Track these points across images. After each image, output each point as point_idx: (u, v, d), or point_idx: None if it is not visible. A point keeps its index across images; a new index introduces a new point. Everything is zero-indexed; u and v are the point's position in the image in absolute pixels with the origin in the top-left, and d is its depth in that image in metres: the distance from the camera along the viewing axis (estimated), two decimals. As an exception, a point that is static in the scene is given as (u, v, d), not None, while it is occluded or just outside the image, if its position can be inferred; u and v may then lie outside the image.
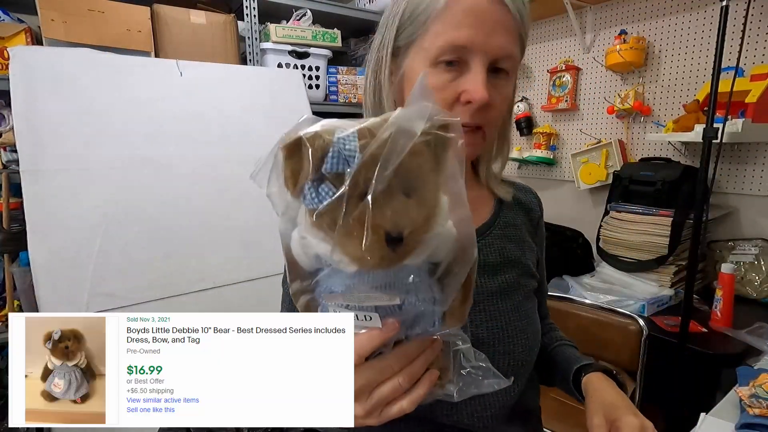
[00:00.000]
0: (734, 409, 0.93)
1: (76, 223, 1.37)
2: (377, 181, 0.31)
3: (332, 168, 0.31)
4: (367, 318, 0.36)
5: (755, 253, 1.59)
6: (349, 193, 0.31)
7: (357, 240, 0.31)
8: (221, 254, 1.59)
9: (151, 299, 1.44)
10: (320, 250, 0.34)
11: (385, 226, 0.31)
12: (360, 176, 0.31)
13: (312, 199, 0.32)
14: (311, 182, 0.32)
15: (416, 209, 0.32)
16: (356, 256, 0.32)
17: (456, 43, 0.54)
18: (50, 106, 1.42)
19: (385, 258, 0.32)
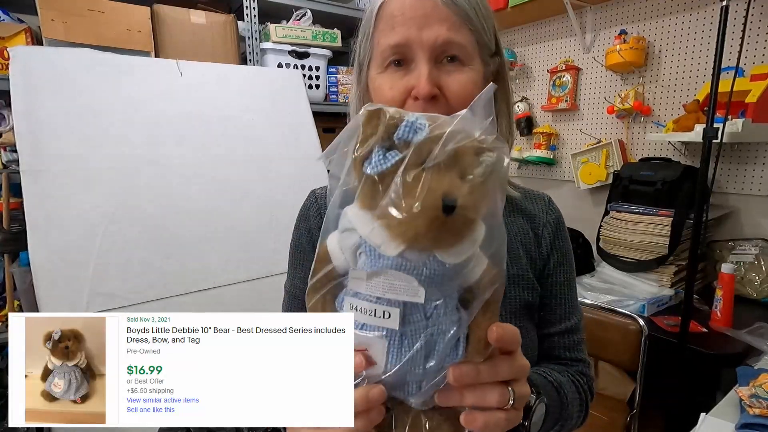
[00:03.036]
0: (734, 409, 0.93)
1: (76, 223, 1.37)
2: (438, 154, 0.32)
3: (403, 135, 0.33)
4: (386, 315, 0.35)
5: (755, 253, 1.59)
6: (411, 160, 0.32)
7: (408, 206, 0.32)
8: (221, 254, 1.59)
9: (151, 299, 1.44)
10: (363, 230, 0.34)
11: (442, 188, 0.32)
12: (424, 147, 0.33)
13: (378, 162, 0.34)
14: (380, 147, 0.34)
15: (471, 190, 0.33)
16: (404, 223, 0.32)
17: (392, 43, 0.57)
18: (50, 106, 1.42)
19: (436, 222, 0.31)
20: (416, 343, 0.35)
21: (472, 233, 0.34)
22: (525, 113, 2.30)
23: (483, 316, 0.37)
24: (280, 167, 1.78)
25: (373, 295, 0.35)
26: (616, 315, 1.36)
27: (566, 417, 0.59)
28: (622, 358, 1.32)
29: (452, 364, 0.36)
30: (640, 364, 1.29)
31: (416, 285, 0.34)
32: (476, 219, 0.34)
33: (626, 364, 1.31)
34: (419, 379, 0.37)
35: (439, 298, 0.35)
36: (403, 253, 0.33)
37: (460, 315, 0.36)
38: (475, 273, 0.36)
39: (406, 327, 0.35)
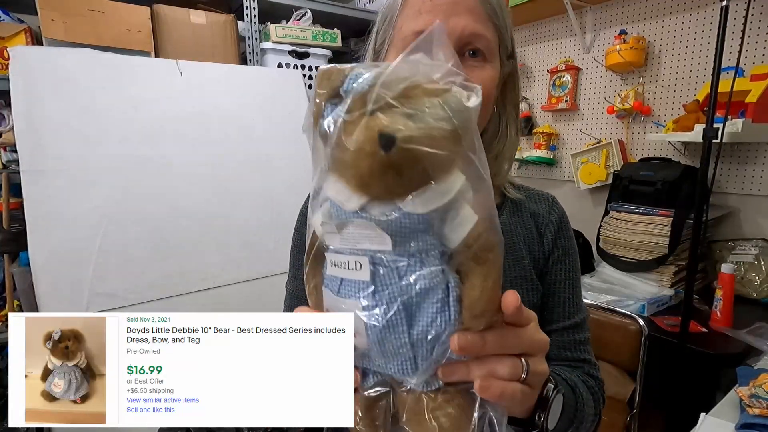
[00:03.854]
0: (734, 409, 0.93)
1: (76, 223, 1.37)
2: (379, 96, 0.30)
3: (348, 85, 0.31)
4: (357, 266, 0.33)
5: (755, 253, 1.59)
6: (351, 107, 0.31)
7: (347, 150, 0.30)
8: (221, 254, 1.59)
9: (151, 299, 1.44)
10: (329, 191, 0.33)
11: (378, 125, 0.30)
12: (367, 90, 0.31)
13: (326, 117, 0.32)
14: (329, 103, 0.32)
15: (418, 125, 0.30)
16: (349, 169, 0.31)
17: (416, 29, 0.55)
18: (50, 106, 1.42)
19: (376, 161, 0.29)
20: (392, 303, 0.33)
21: (433, 177, 0.31)
22: (525, 113, 2.30)
23: (478, 278, 0.33)
24: (280, 167, 1.78)
25: (347, 248, 0.34)
26: (616, 315, 1.35)
27: (581, 419, 0.54)
28: (622, 358, 1.32)
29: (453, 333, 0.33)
30: (640, 364, 1.29)
31: (380, 231, 0.32)
32: (431, 158, 0.30)
33: (626, 364, 1.31)
34: (407, 350, 0.34)
35: (413, 255, 0.33)
36: (365, 206, 0.31)
37: (447, 277, 0.33)
38: (460, 230, 0.33)
39: (378, 286, 0.33)
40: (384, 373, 0.36)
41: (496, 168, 0.66)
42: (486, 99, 0.58)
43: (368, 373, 0.37)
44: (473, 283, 0.33)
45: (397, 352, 0.34)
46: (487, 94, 0.58)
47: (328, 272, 0.36)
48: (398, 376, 0.36)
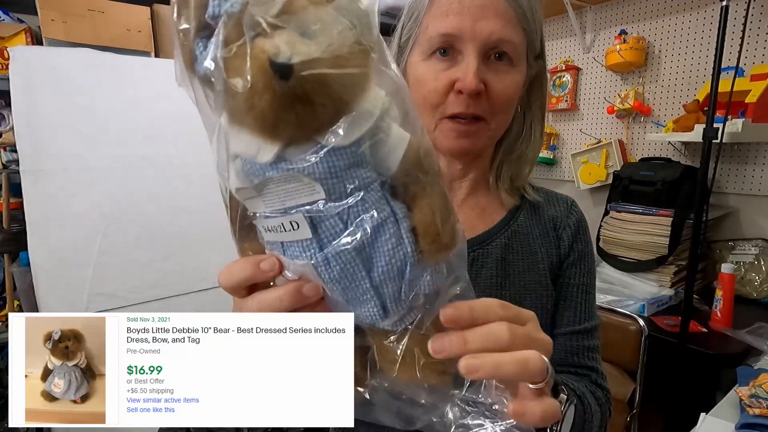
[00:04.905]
0: (734, 409, 0.93)
1: (76, 223, 1.37)
2: (256, 21, 0.24)
3: (214, 10, 0.25)
4: (294, 225, 0.29)
5: (755, 253, 1.59)
6: (228, 35, 0.25)
7: (238, 85, 0.24)
8: (221, 254, 1.59)
9: (151, 299, 1.44)
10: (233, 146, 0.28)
11: (265, 53, 0.24)
12: (241, 12, 0.25)
13: (201, 57, 0.26)
14: (198, 38, 0.26)
15: (316, 44, 0.25)
16: (243, 109, 0.25)
17: (442, 31, 0.53)
18: (50, 106, 1.42)
19: (277, 95, 0.24)
20: (343, 253, 0.29)
21: (350, 100, 0.27)
22: (525, 113, 2.30)
23: (425, 200, 0.30)
24: (280, 167, 1.78)
25: (275, 209, 0.29)
26: (616, 315, 1.35)
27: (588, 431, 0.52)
28: (622, 358, 1.32)
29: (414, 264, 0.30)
30: (640, 364, 1.29)
31: (307, 180, 0.27)
32: (340, 79, 0.26)
33: (626, 364, 1.31)
34: (371, 296, 0.31)
35: (351, 194, 0.29)
36: (282, 153, 0.27)
37: (393, 207, 0.30)
38: (394, 154, 0.29)
39: (323, 237, 0.29)
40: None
41: (517, 169, 0.64)
42: (510, 102, 0.58)
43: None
44: (421, 207, 0.30)
45: (362, 299, 0.31)
46: (511, 98, 0.57)
47: (266, 238, 0.32)
48: (369, 322, 0.33)
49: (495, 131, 0.59)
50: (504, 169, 0.65)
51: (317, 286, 0.32)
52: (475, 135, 0.56)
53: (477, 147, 0.59)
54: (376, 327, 0.33)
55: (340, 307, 0.33)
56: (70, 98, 1.46)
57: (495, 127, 0.58)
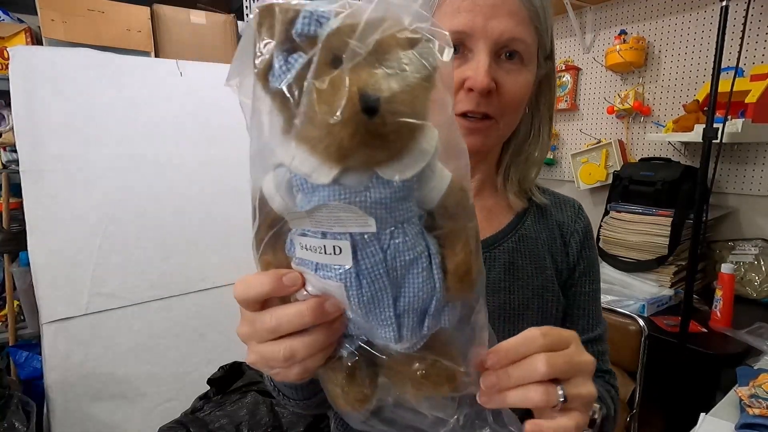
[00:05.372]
0: (734, 409, 0.93)
1: (76, 223, 1.37)
2: (354, 50, 0.25)
3: (303, 28, 0.26)
4: (336, 250, 0.30)
5: (755, 253, 1.59)
6: (321, 59, 0.26)
7: (323, 117, 0.25)
8: (221, 254, 1.59)
9: (151, 299, 1.44)
10: (288, 161, 0.28)
11: (359, 84, 0.25)
12: (335, 41, 0.26)
13: (280, 70, 0.27)
14: (280, 51, 0.27)
15: (400, 85, 0.26)
16: (324, 139, 0.26)
17: (454, 29, 0.52)
18: (50, 106, 1.42)
19: (360, 128, 0.25)
20: (377, 281, 0.30)
21: (415, 139, 0.28)
22: (525, 113, 2.30)
23: (459, 240, 0.32)
24: (280, 167, 1.78)
25: (320, 231, 0.30)
26: (616, 315, 1.35)
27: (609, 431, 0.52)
28: (622, 358, 1.32)
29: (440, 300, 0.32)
30: (639, 364, 1.29)
31: (362, 214, 0.28)
32: (415, 119, 0.27)
33: (626, 364, 1.31)
34: (392, 322, 0.32)
35: (395, 226, 0.30)
36: (339, 177, 0.27)
37: (427, 242, 0.31)
38: (437, 190, 0.31)
39: (361, 264, 0.30)
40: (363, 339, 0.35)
41: (524, 171, 0.64)
42: (520, 102, 0.57)
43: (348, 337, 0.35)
44: (454, 246, 0.31)
45: (381, 324, 0.32)
46: (521, 98, 0.56)
47: (299, 254, 0.32)
48: (382, 344, 0.34)
49: (503, 131, 0.59)
50: (512, 171, 0.64)
51: (339, 304, 0.32)
52: (484, 133, 0.56)
53: (486, 146, 0.58)
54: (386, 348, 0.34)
55: (356, 326, 0.33)
56: (70, 98, 1.46)
57: (504, 127, 0.57)
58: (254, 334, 0.35)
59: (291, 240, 0.32)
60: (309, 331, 0.32)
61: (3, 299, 1.50)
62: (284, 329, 0.33)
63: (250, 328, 0.35)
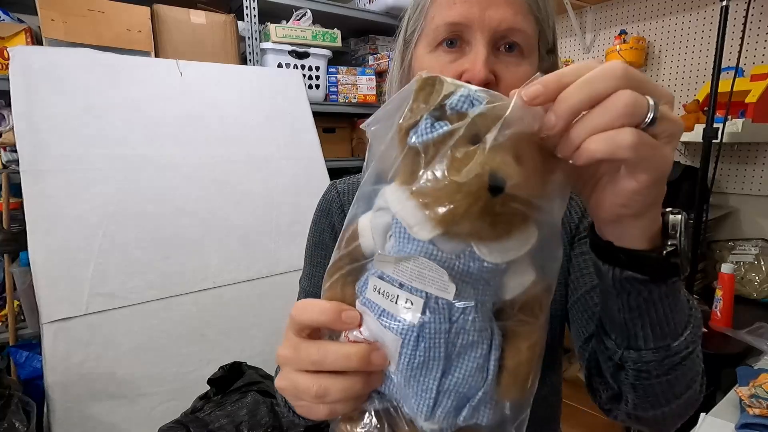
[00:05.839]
0: (734, 409, 0.93)
1: (76, 223, 1.37)
2: (497, 134, 0.27)
3: (457, 105, 0.28)
4: (408, 303, 0.30)
5: (755, 253, 1.59)
6: (464, 133, 0.28)
7: (450, 182, 0.27)
8: (221, 254, 1.59)
9: (151, 299, 1.44)
10: (396, 208, 0.30)
11: (493, 164, 0.27)
12: (480, 123, 0.28)
13: (424, 130, 0.29)
14: (429, 115, 0.29)
15: (525, 174, 0.28)
16: (442, 201, 0.27)
17: (449, 20, 0.51)
18: (50, 106, 1.42)
19: (479, 203, 0.26)
20: (434, 348, 0.30)
21: (520, 230, 0.29)
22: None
23: (524, 341, 0.31)
24: (280, 167, 1.78)
25: (399, 280, 0.30)
26: (616, 315, 1.36)
27: (696, 323, 0.41)
28: (622, 358, 1.32)
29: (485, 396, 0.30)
30: (640, 364, 1.29)
31: (447, 279, 0.29)
32: (527, 211, 0.29)
33: (626, 364, 1.31)
34: (431, 395, 0.31)
35: (470, 303, 0.30)
36: (438, 238, 0.28)
37: (494, 331, 0.31)
38: (519, 285, 0.31)
39: (425, 325, 0.30)
40: (393, 401, 0.33)
41: None
42: None
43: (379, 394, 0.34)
44: (519, 345, 0.31)
45: (419, 393, 0.31)
46: None
47: (368, 295, 0.32)
48: (409, 414, 0.33)
49: None
50: None
51: (385, 357, 0.31)
52: None
53: None
54: (413, 420, 0.33)
55: (394, 386, 0.33)
56: (70, 98, 1.46)
57: None
58: (294, 361, 0.34)
59: (366, 279, 0.32)
60: (347, 375, 0.32)
61: (3, 299, 1.50)
62: (327, 365, 0.32)
63: (292, 353, 0.34)
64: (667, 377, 0.39)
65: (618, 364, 0.41)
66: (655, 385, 0.40)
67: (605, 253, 0.36)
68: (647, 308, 0.37)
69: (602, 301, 0.41)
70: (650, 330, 0.38)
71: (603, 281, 0.38)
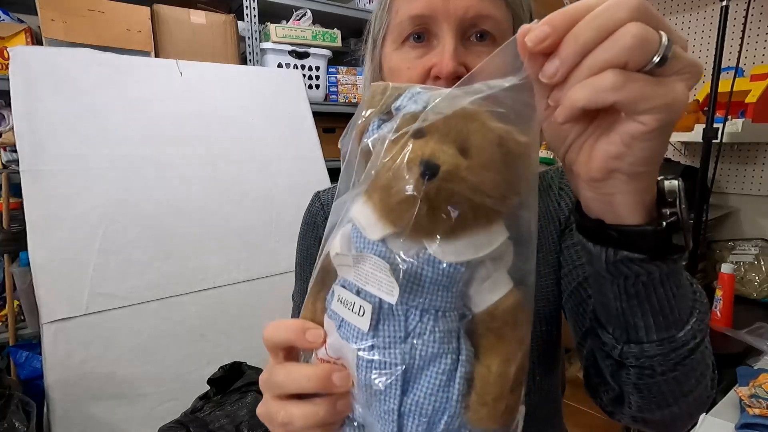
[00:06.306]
0: (734, 409, 0.93)
1: (76, 223, 1.37)
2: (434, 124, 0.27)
3: (401, 104, 0.29)
4: (360, 311, 0.28)
5: (755, 253, 1.59)
6: (400, 125, 0.28)
7: (384, 175, 0.27)
8: (221, 254, 1.59)
9: (151, 299, 1.44)
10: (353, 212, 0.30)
11: (423, 150, 0.26)
12: (421, 116, 0.27)
13: (372, 132, 0.30)
14: (378, 118, 0.30)
15: (468, 164, 0.26)
16: (381, 196, 0.27)
17: (413, 13, 0.48)
18: (50, 106, 1.42)
19: (413, 186, 0.26)
20: (390, 361, 0.27)
21: (473, 227, 0.27)
22: (525, 113, 2.30)
23: (497, 358, 0.28)
24: (280, 167, 1.78)
25: (356, 285, 0.29)
26: (616, 315, 1.36)
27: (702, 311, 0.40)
28: (622, 358, 1.32)
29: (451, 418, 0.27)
30: (640, 364, 1.29)
31: (390, 278, 0.27)
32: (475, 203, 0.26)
33: (626, 364, 1.31)
34: (393, 418, 0.27)
35: (427, 311, 0.27)
36: (389, 238, 0.27)
37: (461, 346, 0.28)
38: (488, 295, 0.28)
39: (379, 333, 0.28)
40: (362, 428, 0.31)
41: None
42: None
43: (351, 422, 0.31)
44: (489, 364, 0.28)
45: (382, 416, 0.28)
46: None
47: (332, 306, 0.31)
48: None
49: None
50: None
51: (348, 378, 0.29)
52: None
53: None
54: None
55: (360, 411, 0.30)
56: (70, 98, 1.46)
57: None
58: (267, 386, 0.32)
59: (333, 290, 0.31)
60: (312, 400, 0.30)
61: (3, 299, 1.50)
62: (288, 389, 0.30)
63: (266, 377, 0.32)
64: (674, 374, 0.35)
65: (618, 361, 0.37)
66: (660, 384, 0.36)
67: (595, 233, 0.32)
68: (647, 294, 0.32)
69: (596, 291, 0.37)
70: (652, 319, 0.33)
71: (595, 266, 0.33)
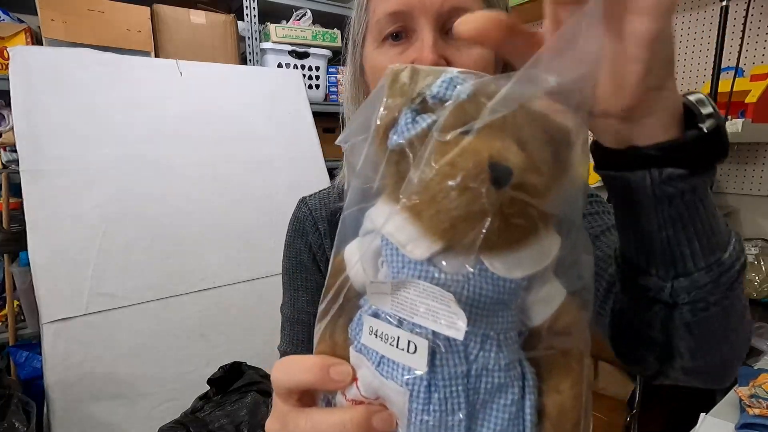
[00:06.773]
0: (734, 409, 0.93)
1: (76, 223, 1.37)
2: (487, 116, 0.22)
3: (439, 93, 0.23)
4: (410, 347, 0.23)
5: (755, 253, 1.59)
6: (448, 122, 0.22)
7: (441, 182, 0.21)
8: (221, 254, 1.59)
9: (151, 299, 1.44)
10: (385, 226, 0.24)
11: (488, 150, 0.21)
12: (468, 108, 0.22)
13: (405, 127, 0.23)
14: (409, 109, 0.24)
15: (530, 159, 0.22)
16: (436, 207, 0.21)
17: (389, 10, 0.48)
18: (50, 106, 1.42)
19: (480, 200, 0.21)
20: (451, 399, 0.23)
21: (539, 233, 0.23)
22: (525, 113, 2.30)
23: (566, 380, 0.24)
24: (280, 167, 1.78)
25: (397, 315, 0.24)
26: (616, 315, 1.36)
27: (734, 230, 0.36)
28: (622, 358, 1.32)
29: None
30: (640, 364, 1.29)
31: (455, 307, 0.22)
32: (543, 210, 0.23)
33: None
34: None
35: (487, 335, 0.23)
36: (438, 255, 0.22)
37: (524, 368, 0.24)
38: (545, 306, 0.25)
39: (437, 372, 0.23)
40: None
41: None
42: None
43: None
44: (559, 386, 0.24)
45: None
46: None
47: (363, 339, 0.25)
48: None
49: None
50: None
51: (391, 419, 0.24)
52: None
53: None
54: None
55: None
56: (70, 98, 1.46)
57: None
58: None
59: (359, 318, 0.26)
60: None
61: (3, 299, 1.50)
62: None
63: (280, 426, 0.27)
64: (725, 302, 0.35)
65: (668, 303, 0.35)
66: (712, 318, 0.35)
67: (631, 161, 0.30)
68: (690, 215, 0.31)
69: (633, 231, 0.34)
70: (698, 243, 0.32)
71: (638, 196, 0.31)
